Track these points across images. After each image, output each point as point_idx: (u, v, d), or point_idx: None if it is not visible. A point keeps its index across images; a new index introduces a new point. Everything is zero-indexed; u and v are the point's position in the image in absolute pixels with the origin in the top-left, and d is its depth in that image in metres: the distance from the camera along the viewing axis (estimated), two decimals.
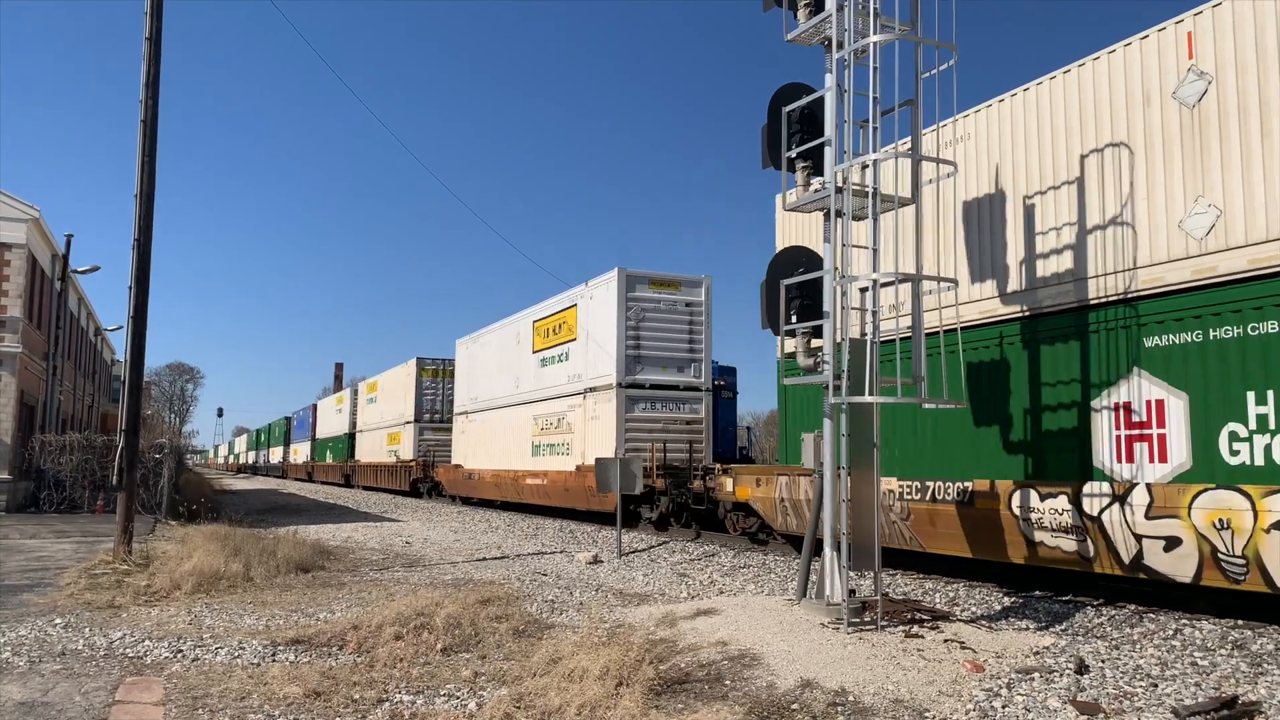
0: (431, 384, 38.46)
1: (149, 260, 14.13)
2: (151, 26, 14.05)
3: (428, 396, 38.33)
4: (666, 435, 20.96)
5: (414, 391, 38.42)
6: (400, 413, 40.35)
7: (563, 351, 23.99)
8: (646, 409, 20.90)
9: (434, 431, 37.99)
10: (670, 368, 21.15)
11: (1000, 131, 11.46)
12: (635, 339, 20.93)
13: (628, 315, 20.85)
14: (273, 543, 14.32)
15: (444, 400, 38.08)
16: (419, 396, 38.29)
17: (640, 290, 21.09)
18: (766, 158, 10.20)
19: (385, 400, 44.03)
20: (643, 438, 20.56)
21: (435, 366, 39.07)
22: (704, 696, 6.74)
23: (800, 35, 9.76)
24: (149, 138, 14.06)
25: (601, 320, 21.65)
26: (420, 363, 38.70)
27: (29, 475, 24.86)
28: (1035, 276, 10.86)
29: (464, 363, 32.78)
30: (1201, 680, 6.95)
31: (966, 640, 8.07)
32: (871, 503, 8.73)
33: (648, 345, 20.99)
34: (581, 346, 22.80)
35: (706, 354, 21.63)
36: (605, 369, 21.23)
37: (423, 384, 38.32)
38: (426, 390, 38.36)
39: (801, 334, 9.94)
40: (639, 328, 20.98)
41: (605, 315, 21.40)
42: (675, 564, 14.85)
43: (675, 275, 21.60)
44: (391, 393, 42.87)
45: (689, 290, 21.59)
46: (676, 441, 20.89)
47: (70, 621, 9.30)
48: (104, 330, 51.42)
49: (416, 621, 8.80)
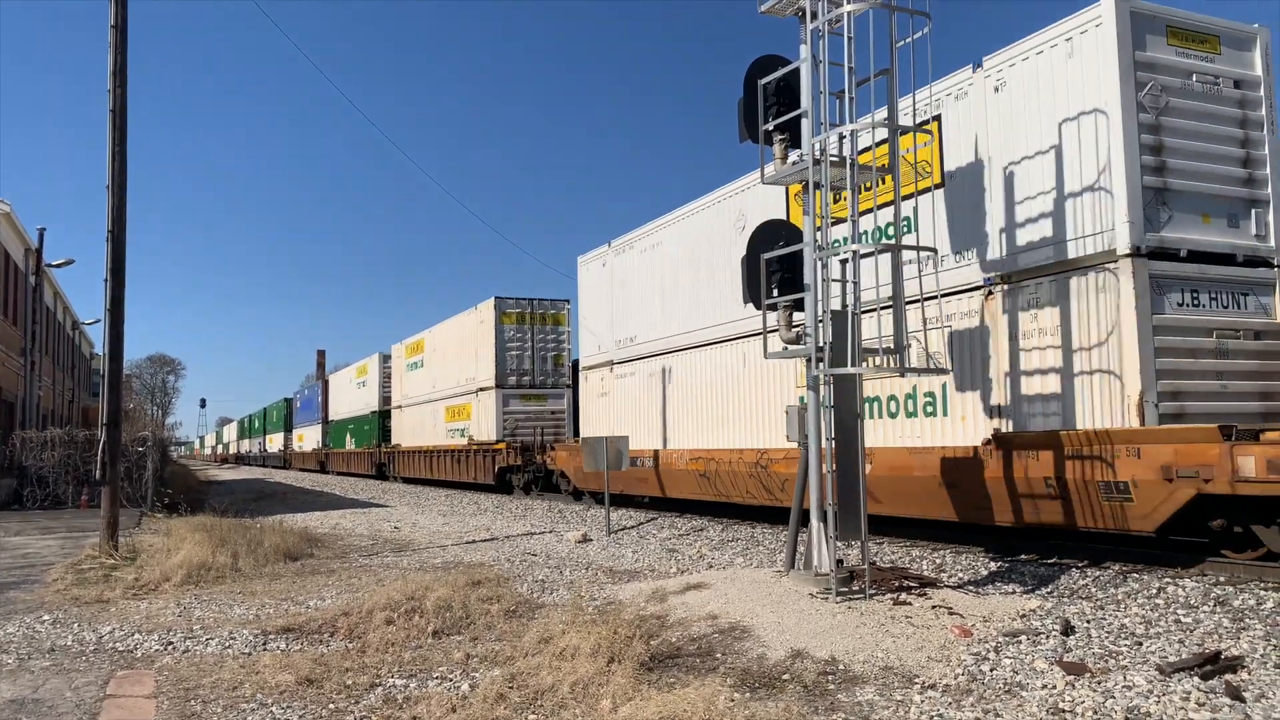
0: (517, 333, 27.91)
1: (124, 252, 13.98)
2: (117, 14, 13.82)
3: (512, 352, 27.80)
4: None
5: (492, 345, 27.63)
6: (470, 377, 29.61)
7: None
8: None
9: (524, 400, 27.79)
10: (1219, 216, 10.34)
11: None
12: (1155, 149, 9.93)
13: (1142, 98, 9.88)
14: (260, 532, 14.29)
15: (536, 356, 27.99)
16: (500, 352, 27.61)
17: (1155, 48, 10.09)
18: (743, 132, 10.17)
19: (441, 362, 32.95)
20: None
21: (522, 309, 28.14)
22: (695, 670, 6.78)
23: (774, 6, 9.71)
24: (119, 128, 13.86)
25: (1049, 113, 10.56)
26: (501, 304, 27.86)
27: (11, 472, 24.66)
28: None
29: (599, 289, 21.26)
30: (1185, 637, 7.05)
31: (954, 606, 8.15)
32: (856, 473, 8.78)
33: (1180, 165, 10.08)
34: (968, 194, 11.53)
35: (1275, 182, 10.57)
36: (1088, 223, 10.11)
37: (504, 334, 27.67)
38: (510, 343, 27.80)
39: (783, 307, 9.95)
40: (1159, 124, 9.99)
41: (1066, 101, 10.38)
42: (664, 540, 14.91)
43: (1208, 21, 10.54)
44: (451, 351, 31.83)
45: (1234, 52, 10.58)
46: None
47: (58, 617, 9.26)
48: (81, 324, 50.94)
49: (407, 606, 8.81)
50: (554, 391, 28.13)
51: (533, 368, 28.03)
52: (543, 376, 28.00)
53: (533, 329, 28.07)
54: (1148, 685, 5.86)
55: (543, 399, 27.86)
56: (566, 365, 28.02)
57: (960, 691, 6.05)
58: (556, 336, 28.34)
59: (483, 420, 28.44)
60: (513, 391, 27.70)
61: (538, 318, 28.22)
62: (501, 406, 27.48)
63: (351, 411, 47.41)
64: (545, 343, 28.15)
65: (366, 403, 43.95)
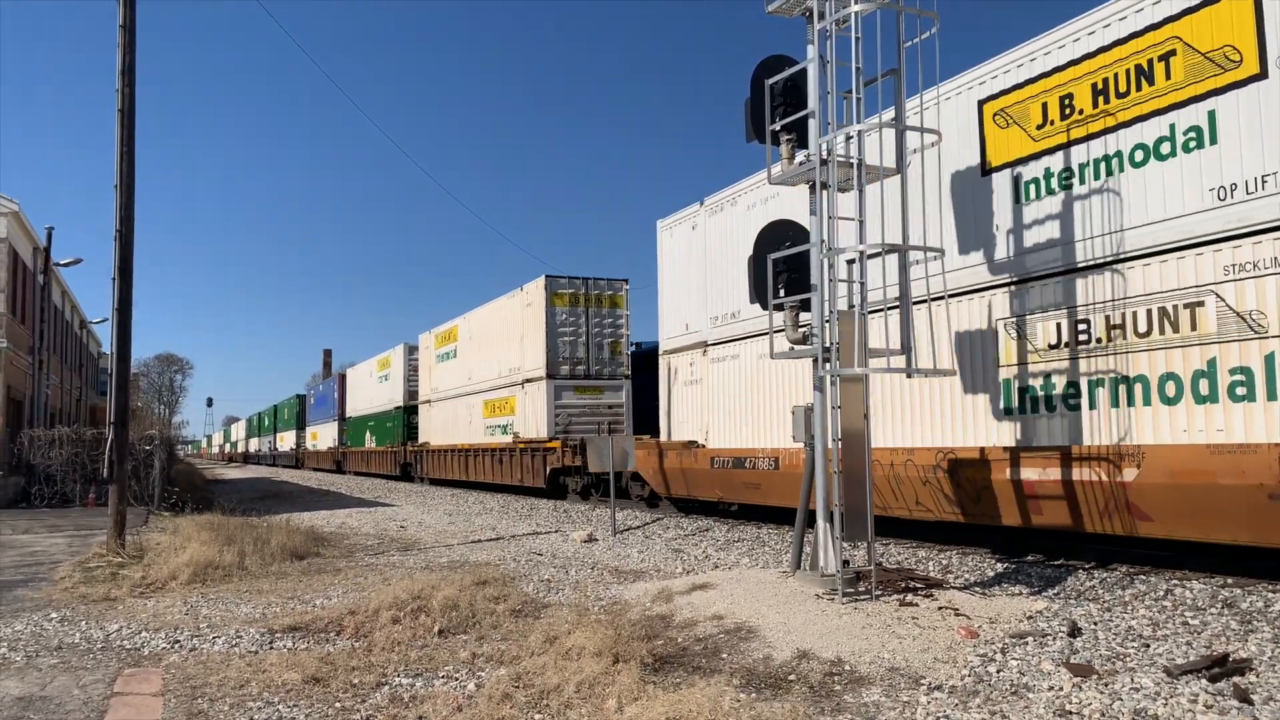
0: (570, 317, 24.60)
1: (132, 251, 14.02)
2: (125, 14, 13.86)
3: (565, 338, 24.48)
4: None
5: (542, 331, 24.39)
6: (514, 366, 26.46)
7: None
8: None
9: (578, 392, 24.44)
10: None
11: None
12: None
13: None
14: (266, 531, 14.31)
15: (591, 342, 24.65)
16: (552, 338, 24.33)
17: None
18: (750, 131, 10.15)
19: (478, 351, 29.74)
20: None
21: (575, 289, 24.71)
22: (701, 670, 6.78)
23: (781, 7, 9.70)
24: (127, 127, 13.90)
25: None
26: (552, 284, 24.51)
27: (19, 470, 24.76)
28: None
29: (686, 258, 17.69)
30: (1193, 639, 7.02)
31: (960, 607, 8.13)
32: (863, 474, 8.77)
33: None
34: None
35: None
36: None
37: (555, 318, 24.42)
38: (563, 327, 24.48)
39: (789, 307, 9.94)
40: None
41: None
42: (669, 540, 14.90)
43: None
44: (491, 338, 28.57)
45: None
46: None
47: (66, 615, 9.29)
48: (89, 323, 51.12)
49: (413, 605, 8.82)
50: (611, 382, 24.81)
51: (587, 356, 24.64)
52: (598, 366, 24.70)
53: (587, 312, 24.70)
54: (1155, 687, 5.84)
55: (599, 391, 24.56)
56: (625, 353, 25.03)
57: (967, 693, 6.03)
58: (614, 320, 25.01)
59: (530, 415, 25.14)
60: (565, 382, 24.35)
61: (593, 299, 24.77)
62: (553, 399, 24.10)
63: (372, 407, 44.06)
64: (601, 327, 24.84)
65: (390, 398, 40.65)
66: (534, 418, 24.79)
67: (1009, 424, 10.94)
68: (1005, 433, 10.97)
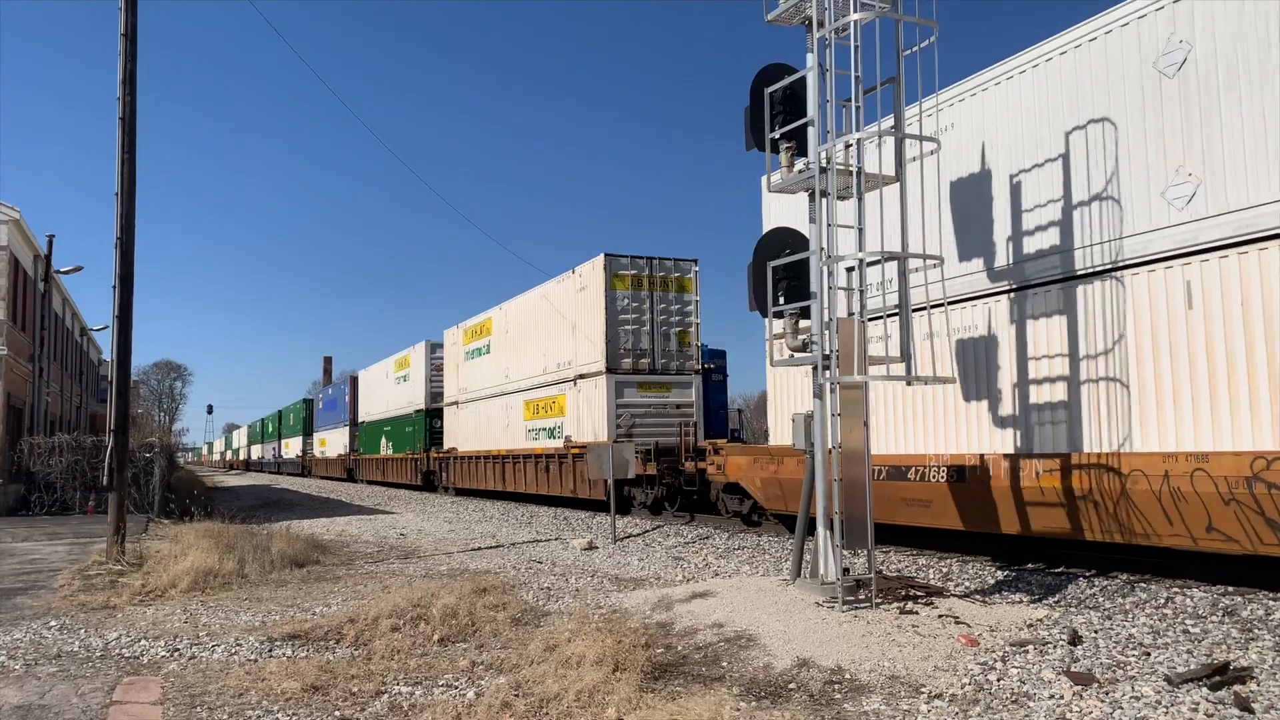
0: (633, 302, 21.43)
1: (132, 258, 14.03)
2: (127, 22, 13.90)
3: (627, 327, 21.36)
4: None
5: (601, 318, 21.18)
6: (565, 360, 23.35)
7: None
8: None
9: (642, 390, 21.33)
10: None
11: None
12: None
13: None
14: (266, 539, 14.30)
15: (656, 332, 21.60)
16: (612, 327, 21.18)
17: None
18: (750, 139, 10.18)
19: (517, 346, 26.68)
20: None
21: (639, 271, 21.59)
22: (701, 679, 6.77)
23: (781, 15, 9.73)
24: (128, 134, 13.93)
25: None
26: (613, 264, 21.38)
27: (19, 478, 24.75)
28: None
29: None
30: (1193, 648, 7.01)
31: (961, 615, 8.12)
32: (863, 481, 8.76)
33: None
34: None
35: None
36: None
37: (616, 303, 21.28)
38: (624, 314, 21.37)
39: (789, 315, 9.95)
40: None
41: None
42: (670, 548, 14.89)
43: None
44: (536, 330, 25.44)
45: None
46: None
47: (65, 623, 9.27)
48: (90, 330, 51.14)
49: (413, 613, 8.81)
50: (679, 378, 21.82)
51: (652, 347, 21.48)
52: (664, 359, 21.72)
53: (652, 296, 21.62)
54: (1156, 696, 5.84)
55: (665, 388, 21.54)
56: (694, 344, 22.30)
57: (967, 701, 6.02)
58: (682, 307, 22.17)
59: (584, 416, 22.11)
60: (628, 378, 21.17)
61: (658, 282, 21.75)
62: (614, 397, 21.00)
63: (389, 411, 40.74)
64: (668, 314, 21.92)
65: (409, 400, 37.63)
66: (590, 419, 21.85)
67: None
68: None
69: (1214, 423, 8.97)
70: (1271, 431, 8.53)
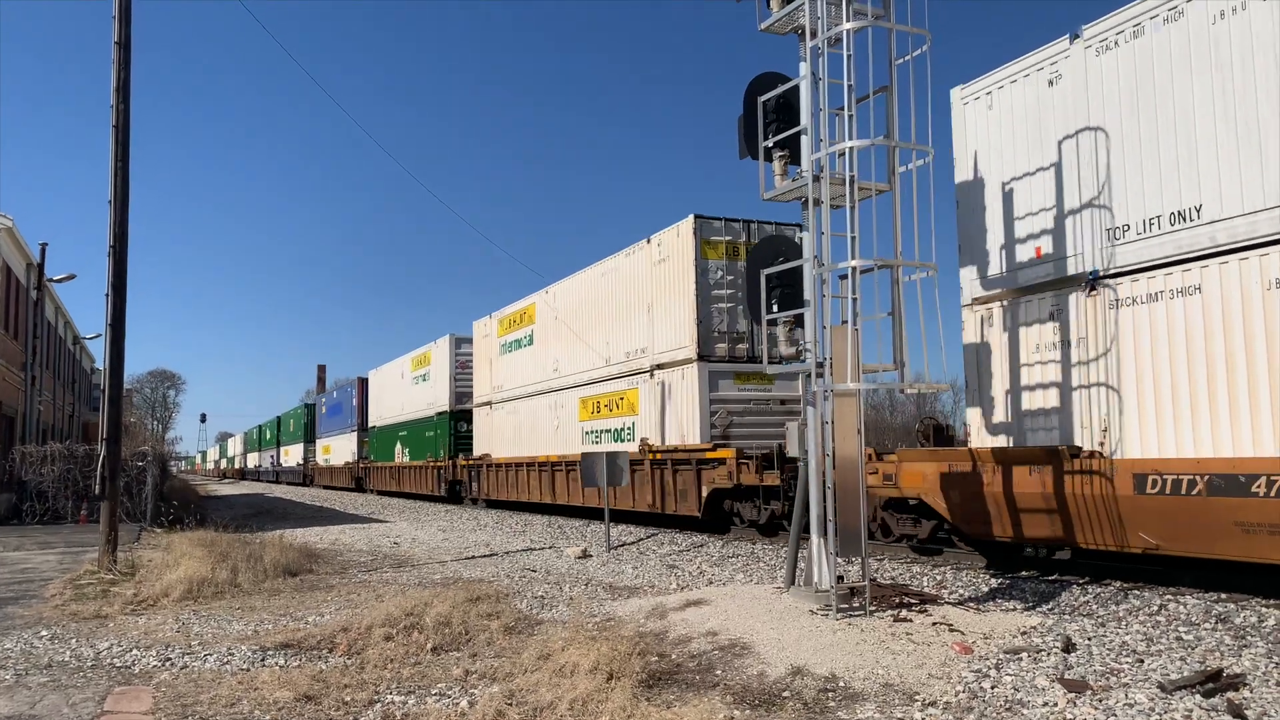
0: (727, 275, 17.61)
1: (125, 266, 14.01)
2: (121, 31, 13.90)
3: (721, 304, 17.55)
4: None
5: (690, 293, 17.43)
6: (637, 348, 19.50)
7: None
8: None
9: (739, 381, 17.46)
10: None
11: None
12: None
13: None
14: (259, 548, 14.26)
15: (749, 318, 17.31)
16: (704, 304, 17.40)
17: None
18: (744, 148, 10.22)
19: (572, 331, 22.63)
20: None
21: (734, 236, 17.82)
22: (695, 687, 6.76)
23: (774, 24, 9.78)
24: (121, 143, 13.92)
25: None
26: (704, 228, 17.59)
27: (10, 487, 24.64)
28: None
29: (1022, 136, 10.85)
30: (1187, 655, 7.02)
31: (954, 623, 8.12)
32: (857, 489, 8.77)
33: None
34: None
35: None
36: None
37: (709, 275, 17.47)
38: (717, 289, 17.54)
39: (783, 323, 9.97)
40: None
41: None
42: (664, 556, 14.88)
43: None
44: (596, 311, 21.42)
45: None
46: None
47: (56, 633, 9.23)
48: (82, 339, 51.01)
49: (406, 622, 8.79)
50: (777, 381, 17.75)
51: (750, 330, 17.49)
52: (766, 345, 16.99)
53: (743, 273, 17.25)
54: (1149, 703, 5.84)
55: (767, 380, 17.60)
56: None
57: (961, 709, 6.02)
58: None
59: (667, 414, 18.32)
60: (722, 367, 17.35)
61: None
62: (707, 390, 17.17)
63: (405, 414, 36.90)
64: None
65: (430, 402, 33.91)
66: (674, 417, 18.02)
67: None
68: None
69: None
70: None
